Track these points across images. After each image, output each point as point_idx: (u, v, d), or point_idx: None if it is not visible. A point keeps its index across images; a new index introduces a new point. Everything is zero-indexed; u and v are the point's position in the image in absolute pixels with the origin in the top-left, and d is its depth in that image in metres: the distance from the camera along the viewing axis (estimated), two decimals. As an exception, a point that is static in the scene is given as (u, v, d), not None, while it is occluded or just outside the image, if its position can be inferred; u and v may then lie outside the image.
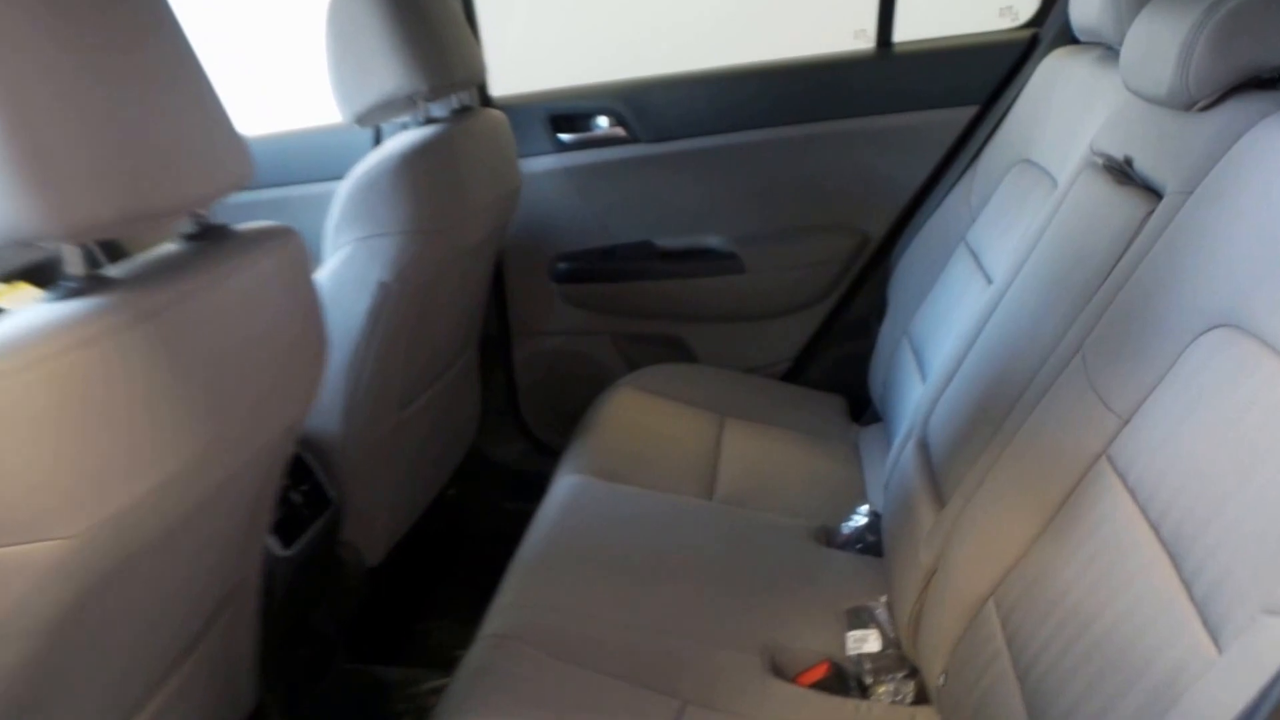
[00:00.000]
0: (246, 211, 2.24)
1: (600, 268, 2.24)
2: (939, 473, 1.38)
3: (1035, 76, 1.89)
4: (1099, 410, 1.09)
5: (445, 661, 1.57)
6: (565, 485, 1.70)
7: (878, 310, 2.13)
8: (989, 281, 1.62)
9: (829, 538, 1.62)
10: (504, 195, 1.88)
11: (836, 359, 2.25)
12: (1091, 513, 1.04)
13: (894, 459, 1.60)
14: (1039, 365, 1.22)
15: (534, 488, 1.86)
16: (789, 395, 2.16)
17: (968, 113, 2.07)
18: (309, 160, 2.21)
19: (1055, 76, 1.80)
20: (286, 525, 1.54)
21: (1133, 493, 1.00)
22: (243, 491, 1.11)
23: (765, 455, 1.89)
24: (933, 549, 1.24)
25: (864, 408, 2.14)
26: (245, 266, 0.98)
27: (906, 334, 1.91)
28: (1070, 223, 1.38)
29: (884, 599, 1.38)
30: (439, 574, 2.20)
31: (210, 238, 0.99)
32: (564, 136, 2.18)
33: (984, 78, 2.06)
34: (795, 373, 2.28)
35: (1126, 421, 1.05)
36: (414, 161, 1.59)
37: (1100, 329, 1.15)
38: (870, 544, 1.57)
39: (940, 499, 1.33)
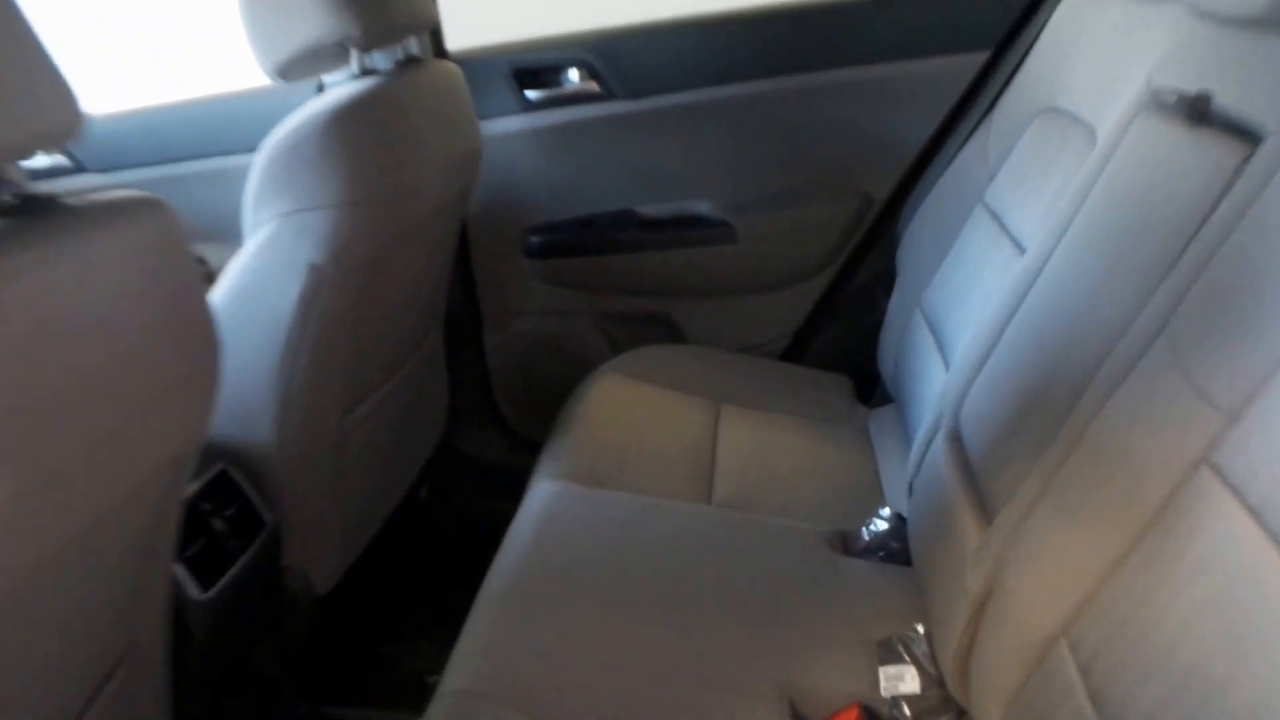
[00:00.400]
0: (173, 187, 2.00)
1: (576, 240, 1.98)
2: (981, 476, 1.13)
3: (1058, 13, 1.63)
4: (1196, 405, 0.84)
5: (417, 691, 1.34)
6: (541, 495, 1.45)
7: (884, 280, 1.88)
8: (1019, 249, 1.37)
9: (846, 544, 1.38)
10: (461, 159, 1.62)
11: (840, 335, 2.00)
12: (1197, 535, 0.80)
13: (919, 454, 1.36)
14: (1106, 350, 0.97)
15: (514, 484, 1.63)
16: (789, 376, 1.91)
17: (979, 59, 1.81)
18: (250, 126, 1.94)
19: (1083, 10, 1.54)
20: (207, 560, 1.30)
21: (1254, 512, 0.76)
22: (113, 545, 0.86)
23: (767, 447, 1.65)
24: (982, 571, 1.00)
25: (873, 387, 1.89)
26: (83, 248, 0.73)
27: (920, 307, 1.66)
28: (1128, 177, 1.13)
29: (921, 627, 1.14)
30: (409, 588, 1.95)
31: (33, 212, 0.73)
32: (530, 94, 1.91)
33: (997, 18, 1.80)
34: (795, 351, 2.03)
35: (1236, 419, 0.81)
36: (346, 121, 1.33)
37: (1190, 306, 0.90)
38: (894, 551, 1.34)
39: (986, 509, 1.09)
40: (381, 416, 1.63)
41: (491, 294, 2.03)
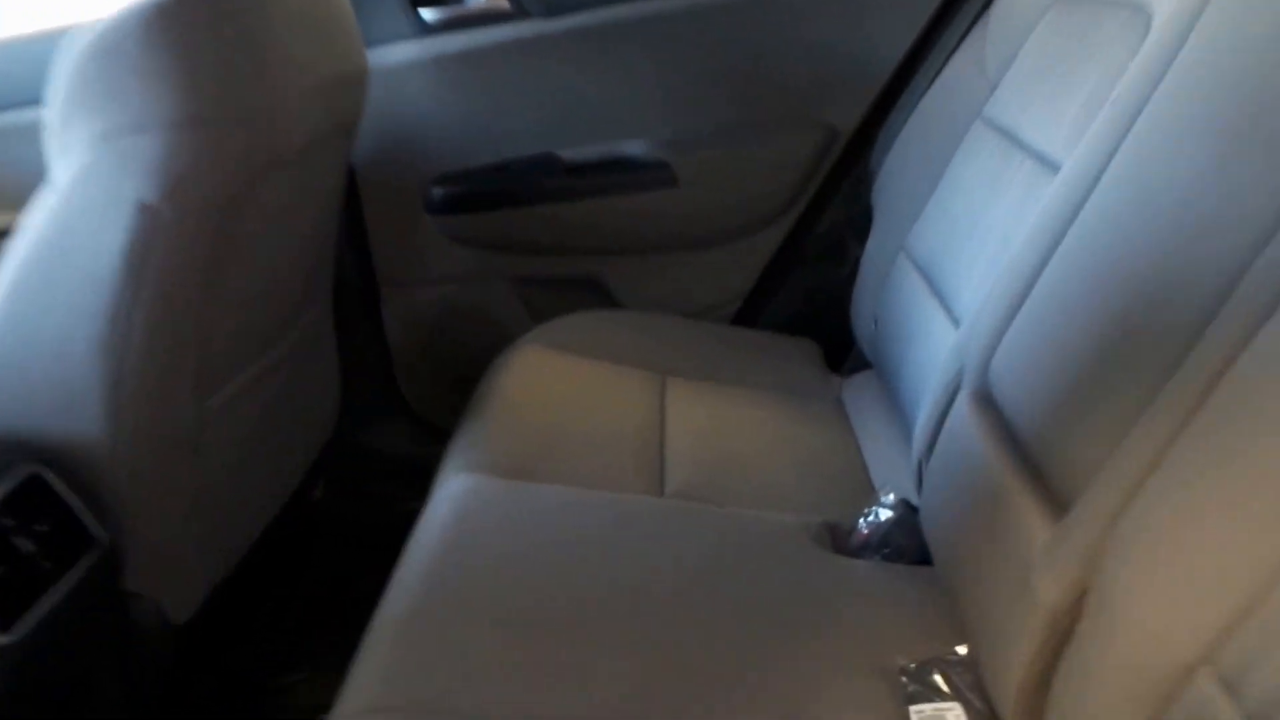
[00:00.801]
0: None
1: (488, 191, 1.67)
2: (1038, 451, 0.86)
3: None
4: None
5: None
6: (452, 492, 1.15)
7: (856, 226, 1.61)
8: (1048, 167, 1.11)
9: (838, 540, 1.11)
10: (340, 84, 1.30)
11: (804, 292, 1.72)
12: None
13: (929, 427, 1.09)
14: (1227, 285, 0.71)
15: (424, 480, 1.33)
16: (745, 342, 1.63)
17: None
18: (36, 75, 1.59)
19: None
20: (6, 592, 0.98)
21: None
22: None
23: (726, 425, 1.37)
24: (1061, 576, 0.73)
25: (845, 352, 1.63)
26: None
27: (906, 252, 1.40)
28: (1232, 43, 0.86)
29: (963, 649, 0.87)
30: (298, 609, 1.64)
31: None
32: (426, 14, 1.58)
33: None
34: (750, 313, 1.74)
35: None
36: (182, 11, 1.01)
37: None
38: (901, 548, 1.07)
39: (1053, 493, 0.82)
40: (252, 402, 1.31)
41: (389, 257, 1.71)
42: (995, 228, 1.18)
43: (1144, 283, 0.80)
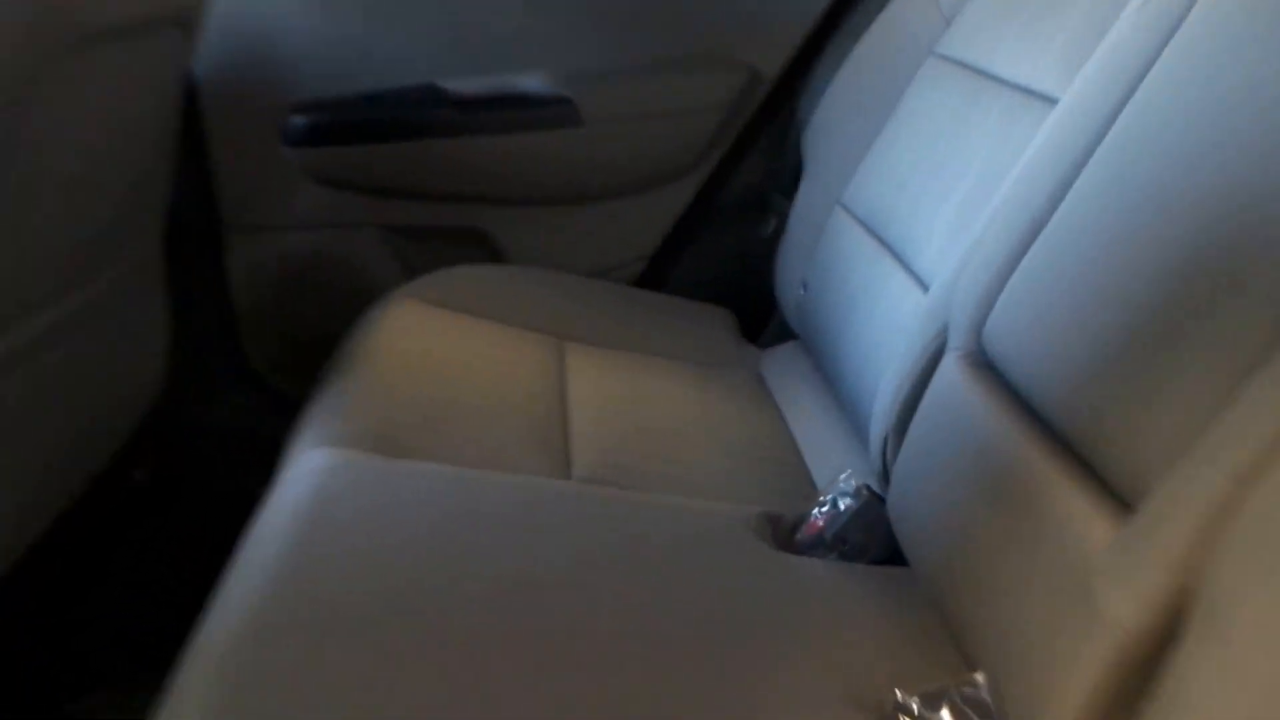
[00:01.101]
0: None
1: (359, 122, 1.40)
2: (1087, 435, 0.67)
3: None
4: None
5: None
6: (304, 470, 0.90)
7: (779, 180, 1.43)
8: (1038, 100, 0.94)
9: (781, 535, 0.92)
10: None
11: (717, 254, 1.52)
12: None
13: (899, 399, 0.89)
14: None
15: (272, 459, 1.09)
16: (652, 307, 1.42)
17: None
18: None
19: None
20: None
21: None
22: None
23: (638, 398, 1.16)
24: (1141, 590, 0.54)
25: (763, 321, 1.44)
26: None
27: (845, 207, 1.22)
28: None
29: (981, 677, 0.68)
30: (110, 613, 1.35)
31: None
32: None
33: None
34: (656, 276, 1.53)
35: None
36: None
37: None
38: (859, 546, 0.88)
39: (1107, 482, 0.63)
40: (34, 364, 1.03)
41: (235, 196, 1.43)
42: (965, 171, 1.01)
43: (1218, 218, 0.63)
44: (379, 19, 1.38)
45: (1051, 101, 0.93)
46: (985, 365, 0.79)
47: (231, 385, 1.52)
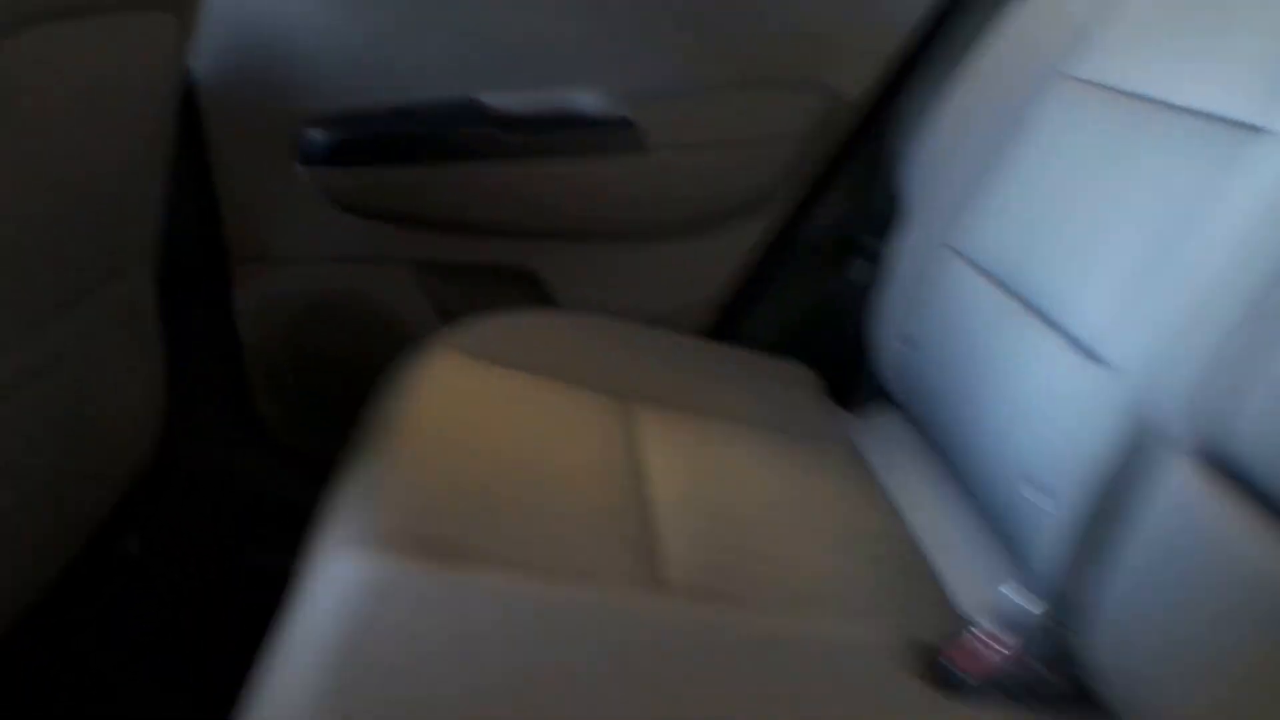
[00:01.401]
0: None
1: (386, 140, 1.22)
2: None
3: None
4: None
5: None
6: (334, 581, 0.71)
7: (867, 216, 1.25)
8: (1244, 128, 0.76)
9: (938, 671, 0.73)
10: None
11: (796, 301, 1.32)
12: None
13: (1089, 496, 0.70)
14: None
15: (284, 526, 0.91)
16: (725, 363, 1.22)
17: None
18: None
19: None
20: None
21: None
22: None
23: (725, 477, 0.97)
24: None
25: (850, 382, 1.25)
26: None
27: (961, 252, 1.03)
28: None
29: None
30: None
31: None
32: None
33: None
34: (725, 326, 1.33)
35: None
36: None
37: None
38: (1045, 688, 0.69)
39: None
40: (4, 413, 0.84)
41: (244, 224, 1.24)
42: (1135, 217, 0.82)
43: None
44: (411, 19, 1.19)
45: (1256, 130, 0.75)
46: (1236, 475, 0.61)
47: (237, 441, 1.32)
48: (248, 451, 1.32)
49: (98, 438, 1.02)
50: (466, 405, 0.97)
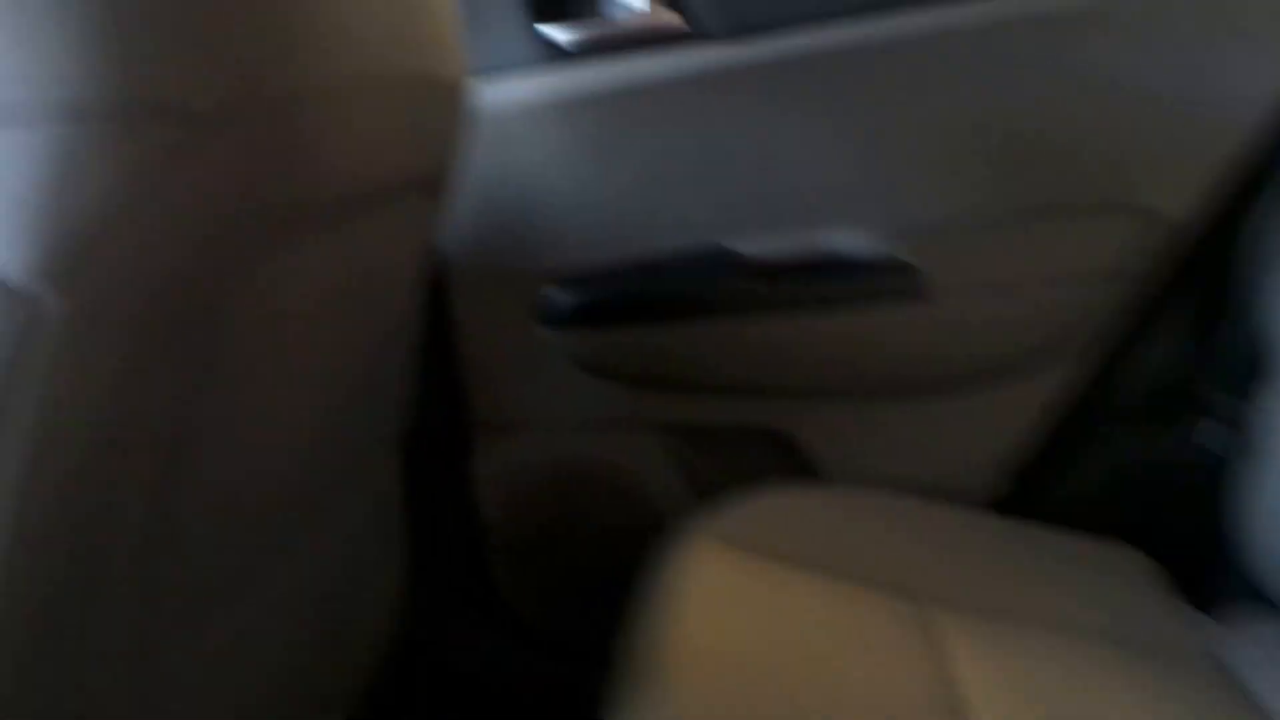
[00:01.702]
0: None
1: (633, 300, 1.11)
2: None
3: None
4: None
5: None
6: None
7: (1214, 366, 1.03)
8: None
9: None
10: (426, 85, 0.76)
11: (1118, 471, 1.09)
12: None
13: None
14: None
15: (522, 710, 0.77)
16: (1034, 549, 1.02)
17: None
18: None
19: None
20: None
21: None
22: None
23: (1069, 708, 0.77)
24: None
25: (1199, 574, 1.01)
26: None
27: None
28: None
29: None
30: None
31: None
32: (554, 33, 1.07)
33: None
34: (1026, 500, 1.12)
35: None
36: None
37: None
38: None
39: None
40: (250, 647, 0.75)
41: (485, 390, 1.16)
42: None
43: None
44: (659, 163, 1.08)
45: None
46: None
47: (475, 620, 1.21)
48: (485, 630, 1.21)
49: (342, 627, 0.92)
50: (742, 615, 0.81)
